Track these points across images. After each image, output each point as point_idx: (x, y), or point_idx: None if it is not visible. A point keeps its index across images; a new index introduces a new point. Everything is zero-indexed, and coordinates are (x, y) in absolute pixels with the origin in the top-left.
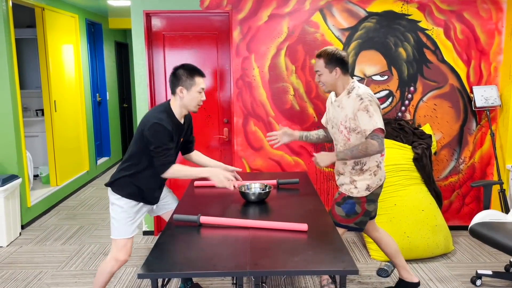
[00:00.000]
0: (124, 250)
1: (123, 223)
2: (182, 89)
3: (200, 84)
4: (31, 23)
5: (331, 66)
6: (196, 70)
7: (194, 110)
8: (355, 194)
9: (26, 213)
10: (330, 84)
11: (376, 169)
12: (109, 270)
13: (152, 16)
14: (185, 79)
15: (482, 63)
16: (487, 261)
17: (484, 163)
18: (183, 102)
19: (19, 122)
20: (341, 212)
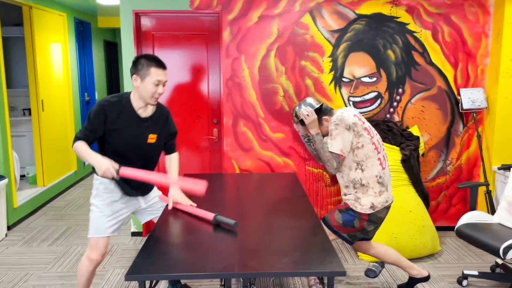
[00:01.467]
0: (96, 250)
1: (97, 221)
2: (136, 78)
3: (155, 76)
4: (19, 21)
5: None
6: (154, 61)
7: (150, 102)
8: (358, 210)
9: (13, 213)
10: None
11: (379, 189)
12: (85, 269)
13: (141, 16)
14: (140, 68)
15: (469, 65)
16: (473, 261)
17: (471, 164)
18: (138, 92)
19: (5, 121)
20: (339, 219)
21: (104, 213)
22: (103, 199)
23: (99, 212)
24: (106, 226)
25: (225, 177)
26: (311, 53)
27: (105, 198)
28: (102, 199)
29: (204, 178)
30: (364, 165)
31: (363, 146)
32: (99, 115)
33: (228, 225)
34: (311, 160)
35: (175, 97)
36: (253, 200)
